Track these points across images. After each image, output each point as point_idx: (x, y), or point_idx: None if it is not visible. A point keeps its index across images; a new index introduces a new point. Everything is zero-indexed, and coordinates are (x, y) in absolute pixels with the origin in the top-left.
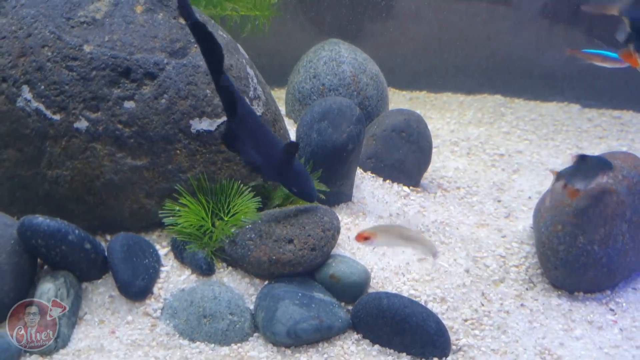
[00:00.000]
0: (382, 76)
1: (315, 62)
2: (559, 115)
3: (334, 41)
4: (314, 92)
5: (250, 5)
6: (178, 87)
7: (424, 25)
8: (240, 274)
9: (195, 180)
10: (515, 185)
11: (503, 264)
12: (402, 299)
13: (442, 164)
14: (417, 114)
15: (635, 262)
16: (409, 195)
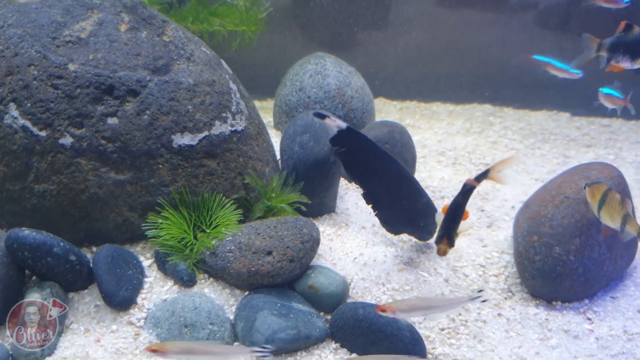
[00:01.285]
0: (368, 88)
1: (301, 75)
2: (547, 124)
3: (319, 55)
4: (300, 105)
5: (237, 20)
6: (160, 104)
7: (415, 36)
8: (221, 285)
9: (178, 194)
10: (499, 195)
11: (482, 274)
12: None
13: (428, 174)
14: (401, 126)
15: (612, 272)
16: None
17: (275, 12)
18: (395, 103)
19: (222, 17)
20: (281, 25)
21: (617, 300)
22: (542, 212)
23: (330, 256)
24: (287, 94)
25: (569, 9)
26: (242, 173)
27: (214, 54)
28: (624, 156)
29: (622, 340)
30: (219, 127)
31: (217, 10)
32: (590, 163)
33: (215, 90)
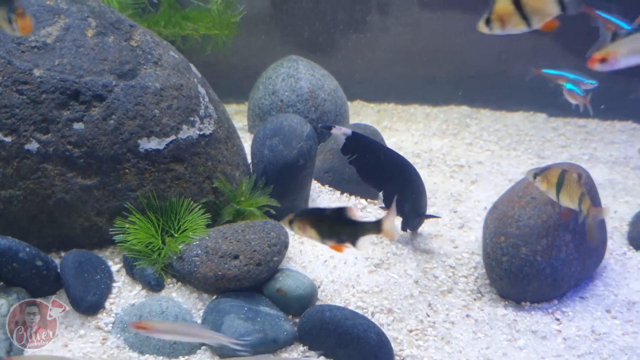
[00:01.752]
0: (341, 91)
1: (274, 78)
2: (523, 125)
3: (292, 58)
4: (272, 108)
5: (210, 24)
6: (126, 108)
7: (394, 39)
8: (189, 289)
9: (145, 199)
10: (472, 196)
11: (452, 275)
12: (343, 312)
13: None
14: (374, 128)
15: (581, 272)
16: (366, 207)
17: (254, 15)
18: (372, 105)
19: (194, 21)
20: (260, 28)
21: (586, 300)
22: (509, 212)
23: (300, 259)
24: (260, 97)
25: None
26: (211, 177)
27: (183, 58)
28: (598, 156)
29: (589, 341)
30: (187, 131)
31: (189, 14)
32: (557, 163)
33: (183, 94)
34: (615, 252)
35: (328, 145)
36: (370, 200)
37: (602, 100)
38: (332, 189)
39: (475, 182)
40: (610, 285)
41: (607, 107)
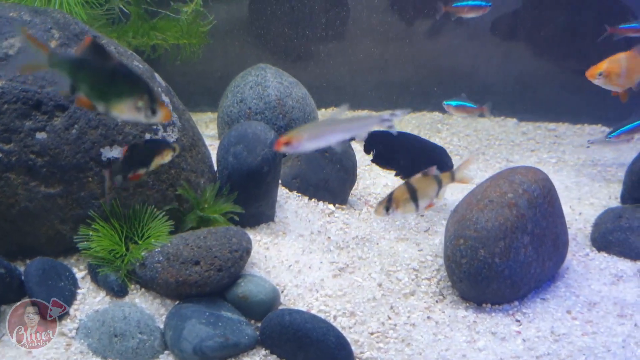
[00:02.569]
0: (310, 99)
1: (242, 86)
2: (494, 130)
3: (261, 66)
4: (241, 116)
5: (179, 34)
6: (88, 118)
7: (368, 46)
8: (153, 295)
9: (108, 206)
10: (439, 200)
11: (415, 277)
12: (303, 315)
13: (373, 181)
14: None
15: (541, 273)
16: (334, 212)
17: (230, 23)
18: (347, 113)
19: (162, 31)
20: (236, 36)
21: (547, 301)
22: (468, 215)
23: (265, 264)
24: (229, 105)
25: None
26: (175, 184)
27: (148, 67)
28: (566, 159)
29: (548, 341)
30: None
31: (158, 25)
32: (515, 167)
33: None
34: (578, 253)
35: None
36: (338, 205)
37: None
38: (300, 195)
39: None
40: (572, 286)
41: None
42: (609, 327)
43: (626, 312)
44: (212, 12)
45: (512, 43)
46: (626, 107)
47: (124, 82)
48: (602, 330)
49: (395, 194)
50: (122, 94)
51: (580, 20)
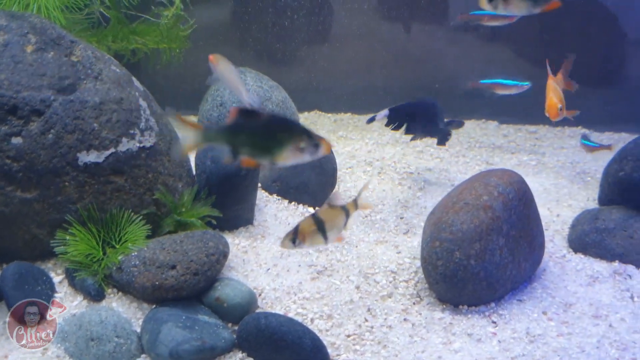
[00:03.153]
0: (291, 102)
1: (222, 90)
2: (475, 132)
3: (241, 70)
4: (221, 120)
5: (158, 38)
6: (65, 122)
7: (352, 50)
8: (130, 299)
9: (85, 211)
10: (419, 202)
11: (393, 280)
12: (279, 318)
13: (353, 184)
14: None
15: (517, 275)
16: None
17: (215, 27)
18: (329, 115)
19: (142, 35)
20: (221, 40)
21: (524, 302)
22: (444, 218)
23: (242, 268)
24: (209, 109)
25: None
26: (152, 189)
27: (125, 72)
28: (546, 162)
29: (524, 342)
30: (127, 143)
31: (137, 29)
32: (491, 170)
33: (123, 108)
34: (555, 254)
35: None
36: (318, 208)
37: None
38: (280, 198)
39: (423, 189)
40: (548, 288)
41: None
42: (584, 327)
43: (601, 312)
44: (195, 16)
45: (494, 46)
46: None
47: (281, 132)
48: (577, 331)
49: (302, 226)
50: (283, 143)
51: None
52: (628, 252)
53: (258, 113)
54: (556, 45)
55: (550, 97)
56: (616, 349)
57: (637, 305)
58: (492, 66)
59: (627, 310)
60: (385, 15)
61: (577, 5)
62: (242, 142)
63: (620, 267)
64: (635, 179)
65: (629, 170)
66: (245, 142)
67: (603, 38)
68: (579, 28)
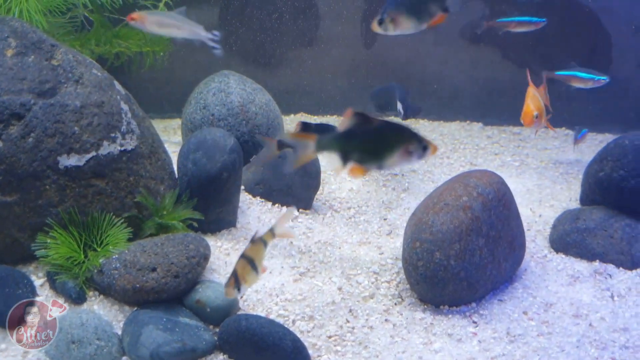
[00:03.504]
0: (274, 104)
1: (205, 93)
2: (459, 134)
3: (224, 72)
4: (204, 122)
5: (141, 42)
6: (45, 126)
7: (339, 52)
8: (111, 302)
9: (67, 214)
10: (403, 204)
11: (375, 280)
12: (259, 320)
13: (338, 186)
14: None
15: (497, 275)
16: (297, 218)
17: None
18: (315, 118)
19: (125, 38)
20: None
21: (504, 302)
22: (424, 218)
23: (225, 270)
24: (192, 112)
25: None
26: (133, 192)
27: (107, 75)
28: (529, 162)
29: (504, 342)
30: (108, 147)
31: (120, 32)
32: (471, 171)
33: (104, 111)
34: (537, 254)
35: (259, 157)
36: (302, 210)
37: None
38: (264, 200)
39: (407, 190)
40: (530, 288)
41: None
42: (564, 327)
43: (582, 312)
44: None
45: (479, 49)
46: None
47: (392, 137)
48: (557, 330)
49: (238, 271)
50: (393, 147)
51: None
52: (608, 251)
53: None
54: (541, 48)
55: (527, 104)
56: (596, 348)
57: (617, 304)
58: (476, 68)
59: (607, 310)
60: (370, 17)
61: (562, 7)
62: (353, 148)
63: (601, 267)
64: (615, 179)
65: (608, 170)
66: (356, 147)
67: (587, 40)
68: (563, 30)
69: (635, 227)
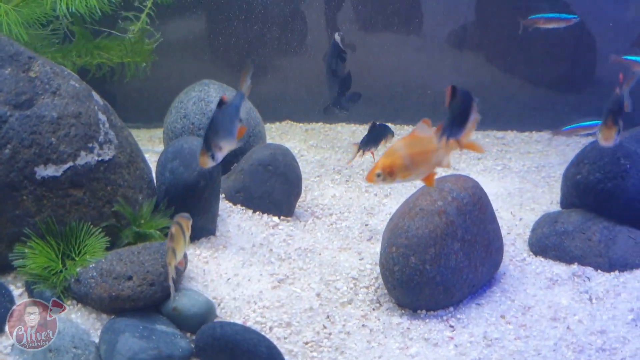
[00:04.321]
0: (256, 112)
1: (185, 102)
2: None
3: (205, 82)
4: (184, 131)
5: (123, 52)
6: (22, 137)
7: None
8: (89, 310)
9: (44, 224)
10: (384, 209)
11: (354, 286)
12: (234, 327)
13: (321, 192)
14: (285, 148)
15: (474, 279)
16: (278, 225)
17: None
18: (301, 125)
19: (106, 50)
20: (192, 52)
21: (482, 306)
22: (400, 223)
23: (203, 278)
24: (173, 121)
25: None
26: (111, 201)
27: (85, 86)
28: (511, 166)
29: (480, 346)
30: (85, 157)
31: (101, 44)
32: (446, 176)
33: (82, 122)
34: (516, 258)
35: (240, 165)
36: (283, 217)
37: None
38: (244, 208)
39: (389, 196)
40: (508, 291)
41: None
42: (541, 330)
43: (559, 315)
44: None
45: (462, 54)
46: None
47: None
48: (534, 333)
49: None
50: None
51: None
52: (586, 254)
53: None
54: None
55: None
56: (572, 351)
57: (595, 306)
58: (459, 74)
59: (585, 312)
60: (355, 26)
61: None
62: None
63: (579, 269)
64: (591, 181)
65: (585, 173)
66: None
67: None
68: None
69: (613, 229)
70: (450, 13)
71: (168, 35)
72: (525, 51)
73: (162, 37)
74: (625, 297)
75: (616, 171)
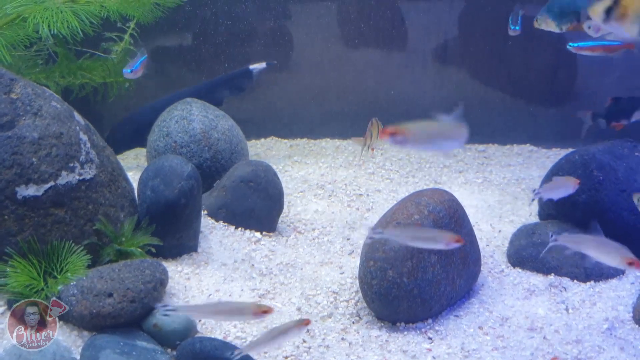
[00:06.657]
0: (238, 130)
1: (168, 121)
2: (425, 153)
3: (187, 100)
4: (167, 150)
5: (105, 73)
6: (2, 158)
7: (309, 78)
8: (70, 327)
9: (26, 243)
10: (366, 223)
11: (334, 300)
12: (213, 342)
13: (304, 208)
14: (266, 164)
15: (451, 291)
16: (260, 240)
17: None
18: (285, 141)
19: (89, 70)
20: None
21: (460, 318)
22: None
23: (184, 295)
24: (155, 139)
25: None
26: (93, 219)
27: (66, 107)
28: (492, 179)
29: (458, 358)
30: (66, 176)
31: (84, 65)
32: (422, 190)
33: (63, 142)
34: (494, 269)
35: (222, 182)
36: (266, 233)
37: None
38: (227, 224)
39: (371, 210)
40: (486, 303)
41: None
42: (519, 341)
43: (536, 325)
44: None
45: (444, 69)
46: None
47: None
48: (512, 344)
49: None
50: None
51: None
52: (563, 264)
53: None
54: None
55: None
56: None
57: (572, 316)
58: (442, 89)
59: (562, 322)
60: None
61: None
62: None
63: (556, 280)
64: None
65: None
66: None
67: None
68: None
69: None
70: (432, 29)
71: (153, 54)
72: (506, 66)
73: (147, 56)
74: (601, 306)
75: (590, 183)
